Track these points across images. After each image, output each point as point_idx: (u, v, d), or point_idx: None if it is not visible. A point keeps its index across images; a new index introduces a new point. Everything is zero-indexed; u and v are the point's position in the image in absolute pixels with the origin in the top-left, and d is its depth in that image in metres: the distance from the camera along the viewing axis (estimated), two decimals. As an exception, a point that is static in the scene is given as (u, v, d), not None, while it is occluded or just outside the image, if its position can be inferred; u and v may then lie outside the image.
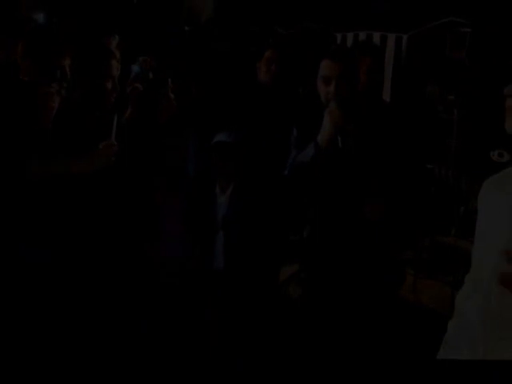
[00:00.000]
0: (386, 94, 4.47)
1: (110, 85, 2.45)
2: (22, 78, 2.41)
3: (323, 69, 2.26)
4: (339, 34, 5.95)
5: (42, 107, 2.24)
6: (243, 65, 3.52)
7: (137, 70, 5.12)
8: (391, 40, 5.07)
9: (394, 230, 2.37)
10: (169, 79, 2.74)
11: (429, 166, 4.43)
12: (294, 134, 2.39)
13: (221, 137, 2.73)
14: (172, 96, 2.72)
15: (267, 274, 2.81)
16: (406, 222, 2.47)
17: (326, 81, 2.23)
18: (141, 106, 2.70)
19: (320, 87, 2.27)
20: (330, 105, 2.18)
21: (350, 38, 5.86)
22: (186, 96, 3.05)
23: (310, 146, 2.21)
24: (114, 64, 2.50)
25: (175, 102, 2.74)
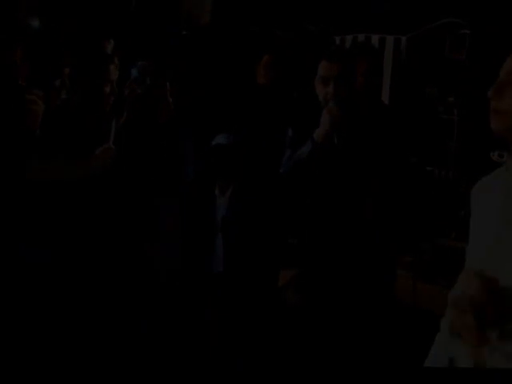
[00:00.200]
0: (385, 96, 4.46)
1: (108, 89, 2.46)
2: (21, 83, 2.41)
3: (321, 69, 2.27)
4: (338, 38, 5.96)
5: (27, 111, 2.24)
6: (242, 67, 3.53)
7: (135, 73, 5.10)
8: (390, 42, 5.07)
9: (393, 231, 2.37)
10: (167, 83, 2.75)
11: (428, 168, 4.43)
12: (289, 135, 2.40)
13: (220, 139, 2.74)
14: (170, 99, 2.73)
15: (266, 276, 2.80)
16: (405, 223, 2.47)
17: (325, 81, 2.25)
18: (139, 109, 2.71)
19: (318, 88, 2.28)
20: (329, 105, 2.19)
21: (349, 41, 5.87)
22: (184, 98, 3.06)
23: (306, 144, 2.22)
24: (111, 68, 2.51)
25: (173, 104, 2.74)
